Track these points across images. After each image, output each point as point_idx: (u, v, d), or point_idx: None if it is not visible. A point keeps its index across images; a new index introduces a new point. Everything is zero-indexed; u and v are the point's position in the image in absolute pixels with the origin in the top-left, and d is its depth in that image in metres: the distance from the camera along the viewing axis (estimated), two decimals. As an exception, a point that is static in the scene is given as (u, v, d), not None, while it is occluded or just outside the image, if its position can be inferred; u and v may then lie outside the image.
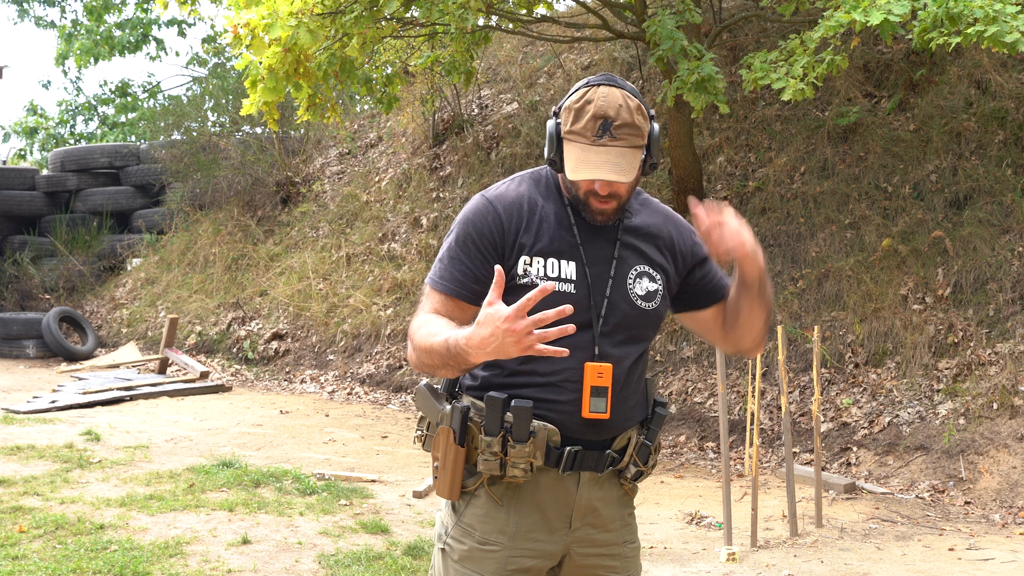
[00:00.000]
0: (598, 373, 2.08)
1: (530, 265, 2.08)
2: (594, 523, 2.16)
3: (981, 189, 7.32)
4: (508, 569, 2.11)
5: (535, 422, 2.06)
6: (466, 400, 2.14)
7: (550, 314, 1.84)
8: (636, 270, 2.17)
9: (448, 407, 2.12)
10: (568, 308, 1.84)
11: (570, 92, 2.12)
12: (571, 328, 1.87)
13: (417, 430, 2.22)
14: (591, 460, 2.11)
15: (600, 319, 2.11)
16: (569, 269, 2.10)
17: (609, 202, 2.10)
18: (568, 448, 2.09)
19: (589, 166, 2.04)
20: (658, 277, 2.19)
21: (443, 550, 2.17)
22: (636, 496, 2.27)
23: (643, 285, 2.17)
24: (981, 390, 6.26)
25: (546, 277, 2.08)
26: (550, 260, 2.09)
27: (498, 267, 1.91)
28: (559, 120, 2.11)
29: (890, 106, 8.26)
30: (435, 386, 2.19)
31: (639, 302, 2.15)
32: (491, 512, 2.12)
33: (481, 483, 2.12)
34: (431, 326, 2.04)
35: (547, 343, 1.88)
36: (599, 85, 2.08)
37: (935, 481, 5.98)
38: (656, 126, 2.12)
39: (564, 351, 1.89)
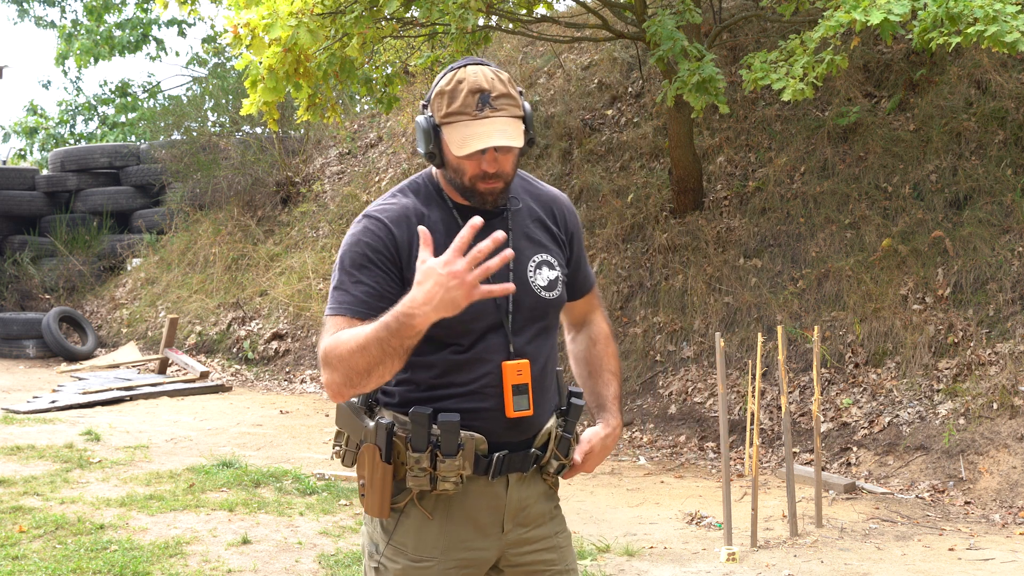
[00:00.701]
0: (517, 371, 2.05)
1: None
2: (524, 522, 2.15)
3: (981, 189, 7.32)
4: None
5: (462, 433, 2.03)
6: (388, 416, 2.08)
7: (486, 244, 1.80)
8: (535, 260, 2.14)
9: (372, 424, 2.05)
10: (501, 235, 1.81)
11: (435, 82, 2.08)
12: (510, 253, 1.83)
13: (335, 445, 2.15)
14: (517, 462, 2.10)
15: (509, 316, 2.08)
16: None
17: (497, 181, 2.05)
18: (496, 454, 2.06)
19: (477, 138, 1.97)
20: (556, 263, 2.17)
21: (377, 568, 2.13)
22: (637, 495, 2.28)
23: (544, 275, 2.13)
24: (981, 390, 6.26)
25: None
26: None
27: (422, 228, 1.87)
28: (429, 113, 2.06)
29: (890, 106, 8.26)
30: (354, 402, 2.12)
31: (542, 293, 2.12)
32: (422, 527, 2.09)
33: (411, 499, 2.08)
34: (351, 332, 1.93)
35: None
36: (464, 66, 2.05)
37: (935, 481, 5.98)
38: (528, 104, 2.09)
39: (510, 286, 1.86)
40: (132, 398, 8.89)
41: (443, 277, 1.80)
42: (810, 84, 6.06)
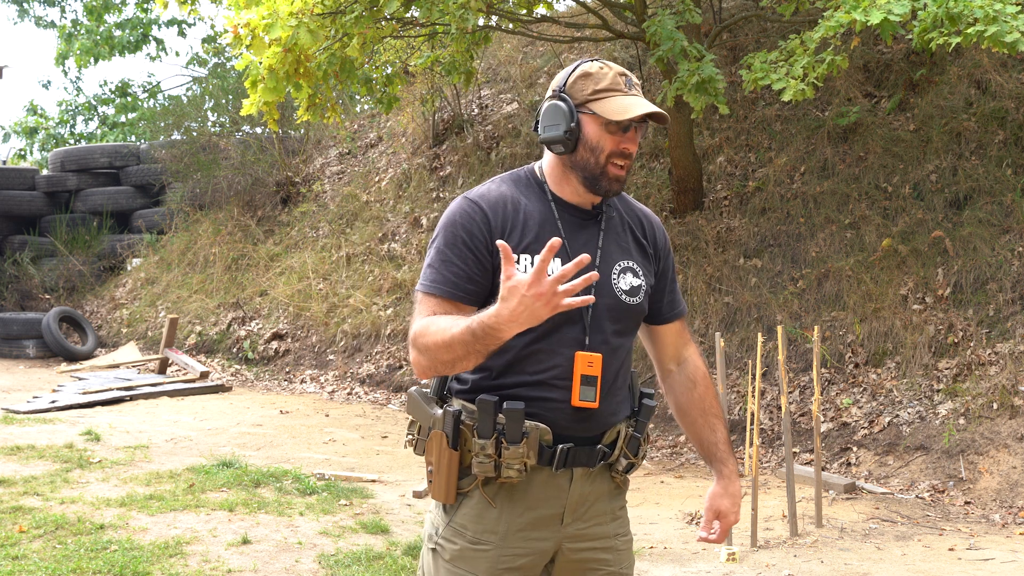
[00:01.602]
0: (588, 363, 2.10)
1: (518, 263, 2.09)
2: (585, 518, 2.17)
3: (981, 189, 7.32)
4: (500, 568, 2.12)
5: (527, 422, 2.08)
6: (456, 404, 2.14)
7: (569, 268, 1.86)
8: (620, 265, 2.20)
9: (440, 411, 2.12)
10: (586, 257, 1.86)
11: (567, 73, 2.17)
12: (595, 275, 1.89)
13: (408, 434, 2.22)
14: (583, 456, 2.13)
15: (588, 310, 2.14)
16: (556, 266, 2.11)
17: (626, 165, 2.15)
18: (560, 446, 2.10)
19: (636, 107, 2.11)
20: (641, 272, 2.23)
21: (434, 550, 2.18)
22: (637, 495, 2.28)
23: (627, 280, 2.20)
24: (981, 390, 6.26)
25: None
26: (538, 257, 2.10)
27: (501, 242, 1.91)
28: (568, 98, 2.14)
29: (890, 106, 8.26)
30: (425, 391, 2.19)
31: (623, 297, 2.18)
32: (483, 512, 2.13)
33: (475, 484, 2.13)
34: (440, 323, 2.03)
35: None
36: (593, 61, 2.17)
37: (935, 481, 5.98)
38: None
39: (591, 298, 1.94)
40: (132, 398, 8.89)
41: (530, 298, 1.86)
42: (810, 84, 6.07)
